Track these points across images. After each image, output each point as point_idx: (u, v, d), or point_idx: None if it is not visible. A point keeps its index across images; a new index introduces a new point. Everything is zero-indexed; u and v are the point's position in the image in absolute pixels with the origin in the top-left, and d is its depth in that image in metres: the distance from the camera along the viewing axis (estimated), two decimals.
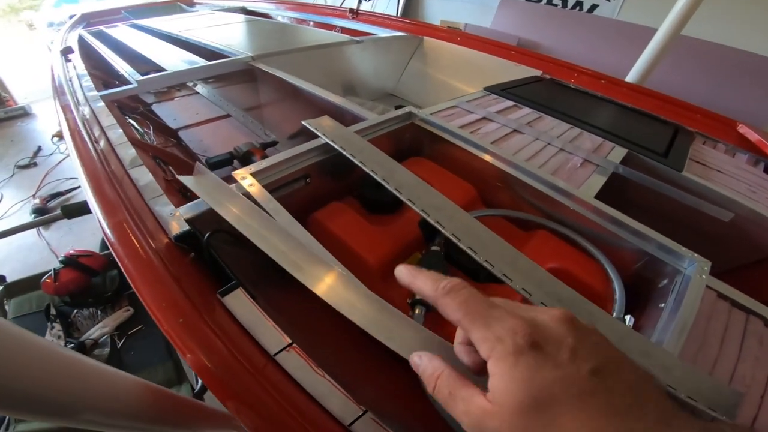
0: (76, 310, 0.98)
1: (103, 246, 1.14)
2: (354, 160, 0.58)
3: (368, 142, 0.62)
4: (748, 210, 0.74)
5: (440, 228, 0.48)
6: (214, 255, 0.48)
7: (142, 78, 0.96)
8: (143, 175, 0.62)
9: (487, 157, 0.69)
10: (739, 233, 0.78)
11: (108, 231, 0.51)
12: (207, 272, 0.48)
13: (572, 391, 0.18)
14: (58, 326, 0.95)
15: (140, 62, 1.12)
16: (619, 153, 0.83)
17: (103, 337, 0.93)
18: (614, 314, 0.52)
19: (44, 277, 0.95)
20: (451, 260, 0.55)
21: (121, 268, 0.46)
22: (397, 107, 0.82)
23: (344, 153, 0.59)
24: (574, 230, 0.62)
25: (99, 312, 0.99)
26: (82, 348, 0.91)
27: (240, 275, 0.47)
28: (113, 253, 0.48)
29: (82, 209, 1.12)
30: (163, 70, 1.02)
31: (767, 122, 1.97)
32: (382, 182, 0.53)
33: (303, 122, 0.68)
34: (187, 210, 0.52)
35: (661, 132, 1.03)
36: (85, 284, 0.98)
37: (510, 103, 0.98)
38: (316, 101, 0.95)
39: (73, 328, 0.97)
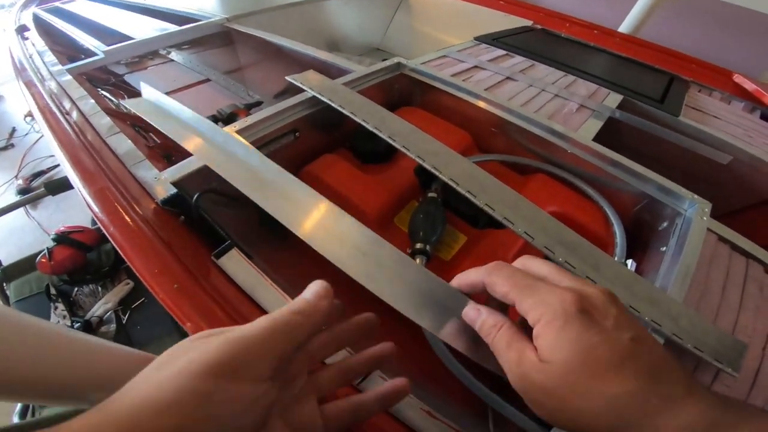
0: (76, 288, 0.96)
1: (94, 220, 1.10)
2: (344, 111, 0.55)
3: (357, 93, 0.59)
4: (745, 153, 0.73)
5: (437, 173, 0.46)
6: (205, 216, 0.46)
7: (108, 48, 0.91)
8: (122, 143, 0.59)
9: (481, 104, 0.66)
10: (736, 177, 0.77)
11: (90, 200, 0.48)
12: (199, 235, 0.46)
13: (615, 354, 0.20)
14: (61, 306, 0.93)
15: (107, 35, 1.07)
16: (614, 99, 0.81)
17: (108, 314, 0.91)
18: (615, 258, 0.52)
19: (39, 257, 0.92)
20: (449, 207, 0.54)
21: (109, 237, 0.44)
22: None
23: (333, 105, 0.56)
24: (572, 173, 0.61)
25: (99, 288, 0.97)
26: (89, 326, 0.89)
27: (234, 235, 0.45)
28: (98, 223, 0.46)
29: (65, 184, 1.08)
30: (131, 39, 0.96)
31: (761, 75, 1.95)
32: (375, 131, 0.50)
33: (287, 78, 0.64)
34: (173, 172, 0.49)
35: (656, 80, 1.01)
36: (81, 260, 0.96)
37: (501, 52, 0.94)
38: (299, 58, 0.90)
39: (76, 306, 0.95)
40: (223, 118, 0.82)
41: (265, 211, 0.37)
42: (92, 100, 0.72)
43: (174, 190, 0.47)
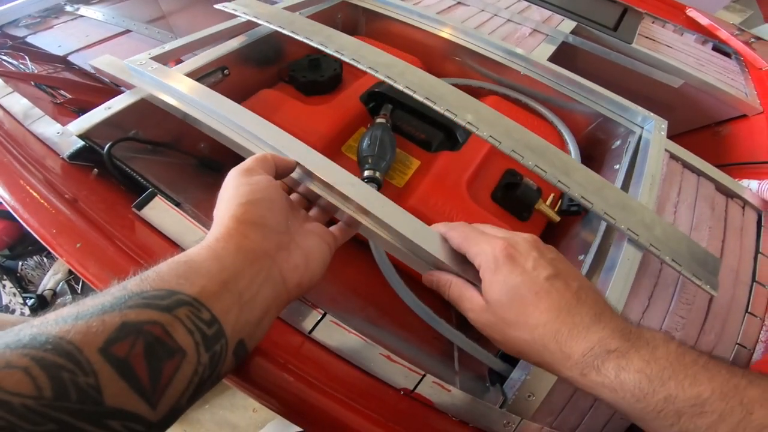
0: (21, 263, 0.90)
1: None
2: (283, 31, 0.48)
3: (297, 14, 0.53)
4: (696, 79, 0.74)
5: (391, 82, 0.42)
6: (121, 165, 0.40)
7: None
8: (16, 101, 0.50)
9: (432, 28, 0.61)
10: (687, 101, 0.79)
11: None
12: (119, 189, 0.41)
13: (532, 291, 0.24)
14: (9, 283, 0.87)
15: None
16: (568, 25, 0.78)
17: (60, 285, 0.86)
18: None
19: None
20: (401, 132, 0.50)
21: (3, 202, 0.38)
22: None
23: (270, 26, 0.50)
24: (526, 95, 0.58)
25: (45, 259, 0.91)
26: (44, 301, 0.84)
27: (160, 184, 0.40)
28: None
29: None
30: None
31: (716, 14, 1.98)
32: (320, 47, 0.45)
33: (217, 6, 0.56)
34: (79, 125, 0.42)
35: (610, 10, 0.99)
36: (18, 232, 0.88)
37: None
38: None
39: (25, 281, 0.89)
40: None
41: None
42: None
43: (81, 143, 0.41)
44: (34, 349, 0.16)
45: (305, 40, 0.47)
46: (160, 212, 0.36)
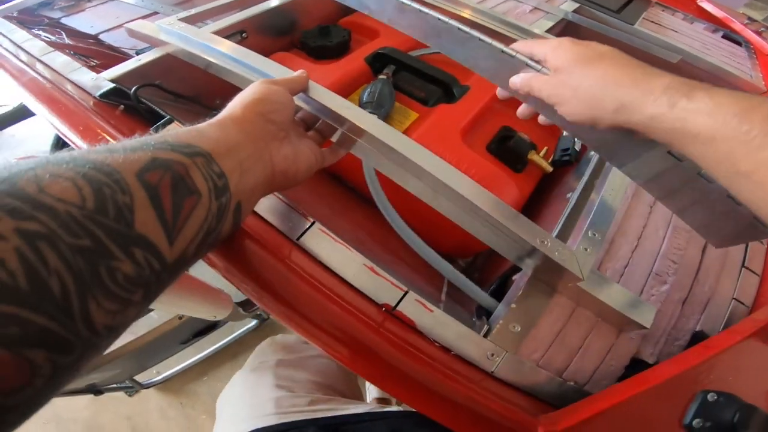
0: None
1: (54, 149, 1.06)
2: None
3: None
4: (696, 58, 0.74)
5: None
6: (145, 101, 0.45)
7: None
8: (57, 57, 0.56)
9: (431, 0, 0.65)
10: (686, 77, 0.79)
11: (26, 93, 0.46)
12: (141, 123, 0.45)
13: (596, 52, 0.27)
14: None
15: None
16: (571, 5, 0.81)
17: None
18: None
19: None
20: (402, 90, 0.54)
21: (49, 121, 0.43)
22: None
23: None
24: None
25: None
26: None
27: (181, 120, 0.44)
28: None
29: (10, 116, 1.04)
30: None
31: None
32: None
33: None
34: (111, 72, 0.48)
35: None
36: None
37: None
38: None
39: None
40: None
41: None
42: (22, 32, 0.68)
43: (111, 85, 0.46)
44: (77, 166, 0.17)
45: None
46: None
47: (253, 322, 0.98)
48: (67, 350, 0.15)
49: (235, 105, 0.28)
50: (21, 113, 1.02)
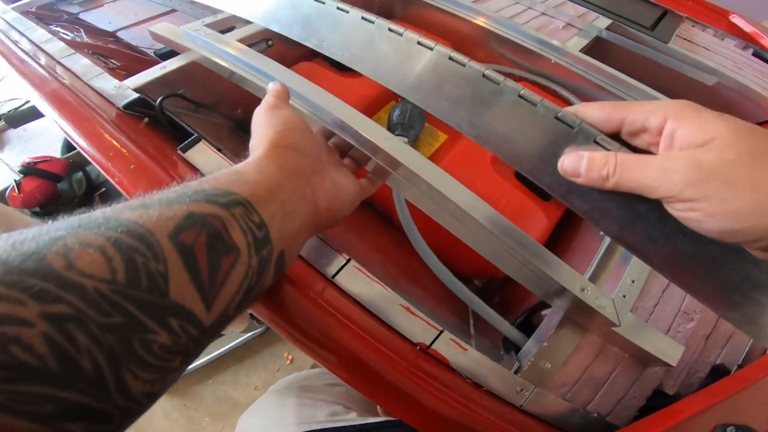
0: (50, 221, 0.94)
1: (62, 150, 1.05)
2: None
3: None
4: (731, 80, 0.72)
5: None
6: (170, 115, 0.44)
7: None
8: (77, 61, 0.54)
9: (466, 16, 0.63)
10: (720, 101, 0.77)
11: (45, 103, 0.45)
12: (165, 137, 0.44)
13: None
14: None
15: None
16: (603, 22, 0.78)
17: None
18: None
19: (7, 192, 0.89)
20: None
21: (66, 133, 0.41)
22: None
23: None
24: (556, 83, 0.59)
25: None
26: None
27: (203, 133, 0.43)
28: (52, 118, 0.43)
29: (25, 115, 1.03)
30: None
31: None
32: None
33: None
34: (135, 80, 0.46)
35: (649, 11, 0.98)
36: (52, 191, 0.91)
37: None
38: None
39: None
40: None
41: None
42: (41, 30, 0.67)
43: (136, 95, 0.45)
44: (109, 230, 0.16)
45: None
46: (204, 155, 0.39)
47: (260, 328, 0.97)
48: (105, 420, 0.15)
49: (259, 142, 0.26)
50: (33, 114, 1.02)
